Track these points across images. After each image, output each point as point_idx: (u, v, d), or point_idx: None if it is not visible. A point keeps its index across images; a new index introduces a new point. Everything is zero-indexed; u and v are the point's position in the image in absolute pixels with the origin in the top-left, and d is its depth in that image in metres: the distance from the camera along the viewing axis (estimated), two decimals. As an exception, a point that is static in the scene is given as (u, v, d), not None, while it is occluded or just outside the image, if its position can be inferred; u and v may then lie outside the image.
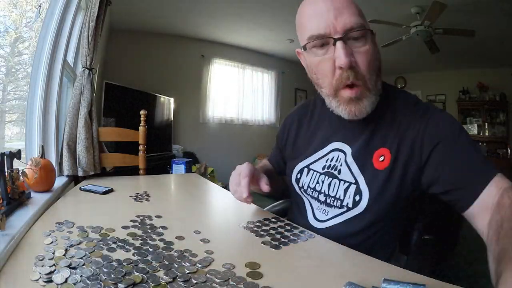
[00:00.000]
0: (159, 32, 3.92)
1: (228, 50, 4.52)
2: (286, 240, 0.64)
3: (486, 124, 4.69)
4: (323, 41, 0.60)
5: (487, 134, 4.69)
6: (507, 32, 3.22)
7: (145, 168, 1.60)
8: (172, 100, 4.01)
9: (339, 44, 0.58)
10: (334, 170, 0.72)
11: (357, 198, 0.68)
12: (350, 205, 0.69)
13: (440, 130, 0.62)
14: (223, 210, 1.00)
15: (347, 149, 0.71)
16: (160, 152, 3.47)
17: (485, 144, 4.68)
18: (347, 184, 0.69)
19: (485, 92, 4.66)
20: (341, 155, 0.71)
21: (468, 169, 0.58)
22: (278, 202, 1.23)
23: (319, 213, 0.75)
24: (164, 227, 0.70)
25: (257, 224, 0.73)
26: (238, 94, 4.87)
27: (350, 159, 0.69)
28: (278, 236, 0.66)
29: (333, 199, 0.71)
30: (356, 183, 0.68)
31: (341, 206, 0.70)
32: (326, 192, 0.72)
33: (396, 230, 0.75)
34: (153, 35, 3.92)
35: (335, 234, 0.69)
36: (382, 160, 0.66)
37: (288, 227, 0.71)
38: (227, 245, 0.64)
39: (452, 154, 0.60)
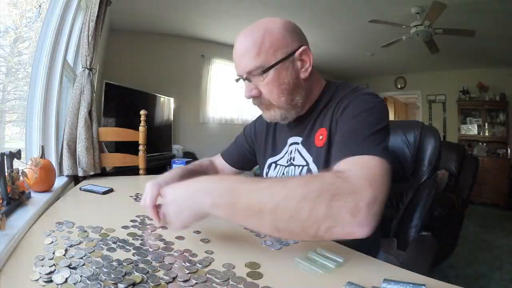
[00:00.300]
0: (159, 32, 3.92)
1: (228, 50, 4.50)
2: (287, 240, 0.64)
3: (486, 124, 4.68)
4: (239, 78, 0.77)
5: (487, 134, 4.68)
6: (507, 32, 3.22)
7: (145, 168, 1.60)
8: (172, 100, 4.01)
9: (245, 83, 0.75)
10: (292, 160, 0.82)
11: None
12: None
13: (352, 105, 0.69)
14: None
15: (299, 139, 0.82)
16: (160, 152, 3.47)
17: (485, 144, 4.68)
18: (300, 167, 0.79)
19: (485, 92, 4.65)
20: (295, 145, 0.82)
21: (338, 148, 0.64)
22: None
23: None
24: (164, 227, 0.70)
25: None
26: (238, 94, 4.86)
27: (300, 146, 0.81)
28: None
29: None
30: (307, 164, 0.78)
31: None
32: None
33: None
34: (153, 35, 3.92)
35: None
36: (321, 138, 0.75)
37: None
38: (227, 245, 0.64)
39: (344, 130, 0.66)
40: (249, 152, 0.99)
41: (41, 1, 1.34)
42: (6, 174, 0.77)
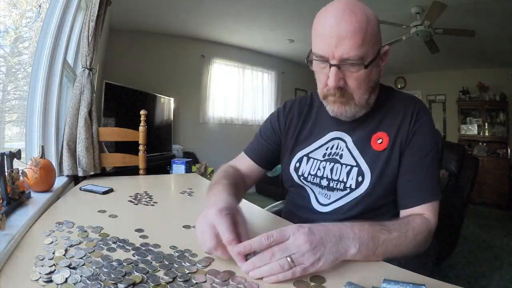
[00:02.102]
0: (159, 32, 3.92)
1: (228, 50, 4.51)
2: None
3: (486, 124, 4.68)
4: (323, 59, 0.66)
5: (487, 134, 4.68)
6: (507, 32, 3.22)
7: (145, 168, 1.60)
8: (172, 100, 4.01)
9: (333, 69, 0.65)
10: (336, 156, 0.77)
11: (360, 179, 0.73)
12: (353, 186, 0.74)
13: (420, 130, 0.72)
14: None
15: (347, 137, 0.77)
16: (160, 152, 3.47)
17: (485, 144, 4.68)
18: (349, 167, 0.74)
19: (485, 92, 4.65)
20: (341, 143, 0.77)
21: (419, 184, 0.70)
22: (278, 202, 1.23)
23: (322, 198, 0.78)
24: (164, 226, 0.70)
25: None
26: (238, 94, 4.86)
27: (351, 145, 0.76)
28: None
29: (336, 182, 0.75)
30: (358, 165, 0.74)
31: (344, 188, 0.75)
32: (329, 177, 0.76)
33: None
34: (153, 35, 3.92)
35: (338, 216, 0.74)
36: (380, 143, 0.73)
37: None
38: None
39: (418, 162, 0.71)
40: (278, 146, 0.88)
41: (41, 1, 1.34)
42: (6, 174, 0.77)
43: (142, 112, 1.59)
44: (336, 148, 0.77)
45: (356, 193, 0.73)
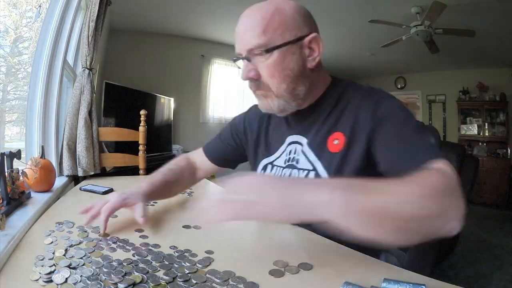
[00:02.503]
0: (159, 32, 3.92)
1: (228, 50, 4.52)
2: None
3: (486, 124, 4.68)
4: (238, 57, 0.70)
5: (487, 134, 4.68)
6: (507, 32, 3.22)
7: (145, 168, 1.60)
8: (172, 100, 4.01)
9: (241, 62, 0.69)
10: (293, 162, 0.75)
11: None
12: None
13: (386, 112, 0.64)
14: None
15: (303, 140, 0.75)
16: (160, 152, 3.47)
17: (485, 144, 4.68)
18: (306, 172, 0.72)
19: (485, 92, 4.65)
20: (298, 146, 0.75)
21: (404, 156, 0.58)
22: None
23: None
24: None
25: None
26: (238, 94, 4.86)
27: (306, 148, 0.73)
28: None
29: None
30: (315, 169, 0.71)
31: None
32: None
33: None
34: (153, 35, 3.92)
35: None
36: (337, 144, 0.69)
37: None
38: (227, 245, 0.63)
39: (393, 137, 0.61)
40: (235, 149, 0.90)
41: (41, 1, 1.34)
42: (6, 174, 0.77)
43: (142, 112, 1.59)
44: (294, 153, 0.75)
45: None
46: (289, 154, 0.76)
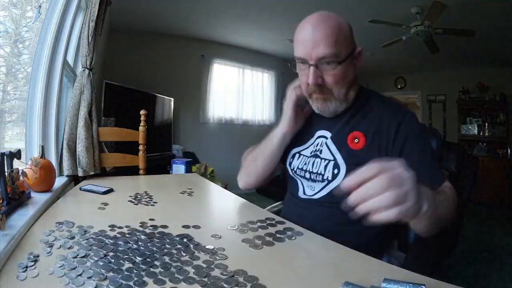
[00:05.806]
0: (159, 32, 3.92)
1: (228, 50, 4.52)
2: (283, 236, 0.65)
3: (486, 124, 4.68)
4: (303, 61, 0.79)
5: (487, 134, 4.68)
6: (507, 32, 3.22)
7: (145, 168, 1.60)
8: (172, 100, 4.01)
9: (311, 68, 0.76)
10: (317, 152, 0.87)
11: (336, 171, 0.81)
12: (330, 178, 0.82)
13: (412, 128, 0.79)
14: (223, 211, 1.00)
15: (328, 134, 0.87)
16: (160, 152, 3.47)
17: (485, 144, 4.68)
18: (326, 161, 0.84)
19: (485, 92, 4.65)
20: (323, 139, 0.87)
21: (425, 173, 0.68)
22: (278, 203, 1.23)
23: (308, 190, 0.88)
24: (164, 226, 0.70)
25: (258, 224, 0.73)
26: (238, 94, 4.86)
27: (329, 141, 0.86)
28: (277, 235, 0.66)
29: (315, 174, 0.85)
30: (334, 159, 0.83)
31: (323, 180, 0.83)
32: (311, 170, 0.86)
33: None
34: (153, 35, 3.92)
35: (323, 202, 0.83)
36: (357, 142, 0.81)
37: (282, 228, 0.71)
38: (227, 245, 0.63)
39: (416, 152, 0.76)
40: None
41: (41, 1, 1.33)
42: (6, 174, 0.77)
43: (142, 112, 1.59)
44: (320, 145, 0.87)
45: (333, 184, 0.81)
46: (316, 146, 0.88)
